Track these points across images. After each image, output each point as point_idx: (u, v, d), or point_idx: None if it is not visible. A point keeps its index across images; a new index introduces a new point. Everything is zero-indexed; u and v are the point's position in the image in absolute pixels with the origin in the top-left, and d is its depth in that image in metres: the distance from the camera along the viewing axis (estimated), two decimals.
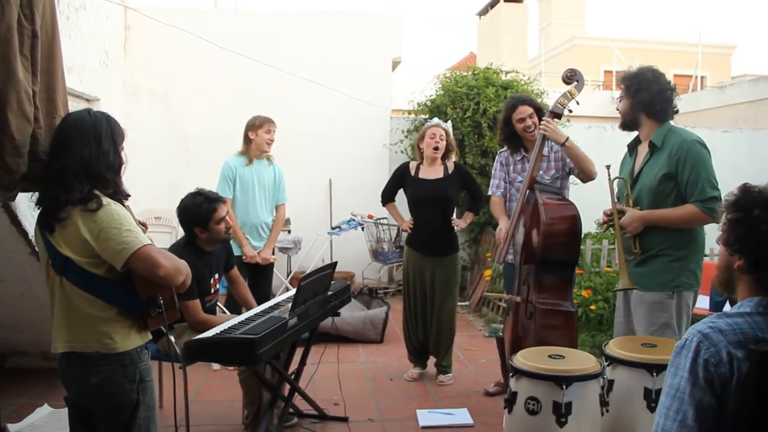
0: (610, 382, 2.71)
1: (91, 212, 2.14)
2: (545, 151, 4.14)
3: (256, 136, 4.85)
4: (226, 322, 3.19)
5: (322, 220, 8.11)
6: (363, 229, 7.60)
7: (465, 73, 8.08)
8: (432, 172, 4.70)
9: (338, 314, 3.80)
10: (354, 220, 7.43)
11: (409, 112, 8.31)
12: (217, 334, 2.92)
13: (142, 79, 8.03)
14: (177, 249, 3.59)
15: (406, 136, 8.20)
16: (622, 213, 3.27)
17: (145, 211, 7.67)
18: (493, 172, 4.53)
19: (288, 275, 7.74)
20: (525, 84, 7.89)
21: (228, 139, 8.20)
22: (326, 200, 8.22)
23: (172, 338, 3.54)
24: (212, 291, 3.70)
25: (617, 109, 3.38)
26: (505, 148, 4.45)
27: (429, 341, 4.79)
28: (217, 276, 3.76)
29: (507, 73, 7.99)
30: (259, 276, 4.92)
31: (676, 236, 3.16)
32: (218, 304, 4.10)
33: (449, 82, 7.89)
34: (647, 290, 3.19)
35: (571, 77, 3.92)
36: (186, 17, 7.92)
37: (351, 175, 8.24)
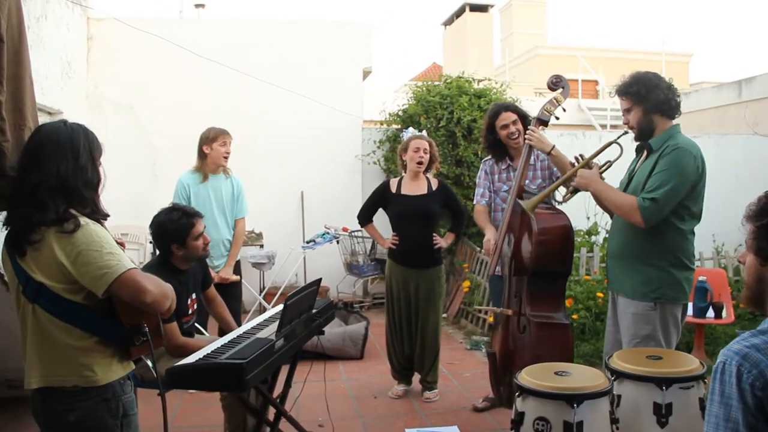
0: (617, 398, 2.61)
1: (68, 234, 1.95)
2: (531, 159, 4.06)
3: (211, 150, 4.62)
4: (207, 346, 3.00)
5: (294, 233, 7.92)
6: (338, 242, 7.43)
7: (437, 83, 7.98)
8: (415, 187, 4.59)
9: (323, 332, 3.63)
10: (328, 233, 7.27)
11: (381, 123, 8.18)
12: (200, 359, 2.72)
13: (107, 90, 7.76)
14: (151, 269, 3.39)
15: (378, 147, 8.07)
16: (589, 168, 3.31)
17: (112, 228, 7.33)
18: (477, 180, 4.43)
19: (261, 291, 7.53)
20: (498, 93, 7.83)
21: (195, 152, 8.04)
22: (298, 213, 8.03)
23: (150, 363, 3.35)
24: (189, 312, 3.50)
25: (626, 123, 3.26)
26: (490, 156, 4.35)
27: (414, 356, 4.65)
28: (194, 296, 3.56)
29: (479, 81, 7.93)
30: (225, 298, 4.65)
31: (659, 243, 3.06)
32: (196, 324, 3.90)
33: (421, 92, 7.79)
34: (627, 297, 3.15)
35: (557, 83, 3.84)
36: (151, 26, 7.67)
37: (323, 187, 8.07)
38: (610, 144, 3.35)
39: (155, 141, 7.81)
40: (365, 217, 4.82)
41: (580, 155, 3.42)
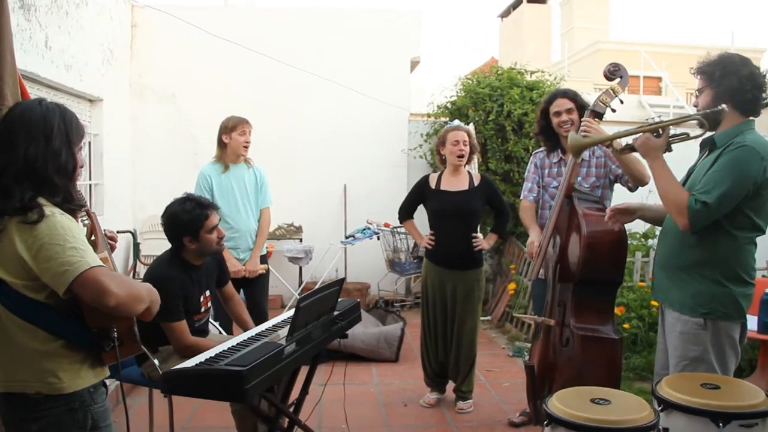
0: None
1: (31, 224, 1.72)
2: (585, 155, 3.68)
3: (230, 140, 4.41)
4: (215, 347, 2.77)
5: (336, 227, 7.68)
6: (379, 238, 7.15)
7: (487, 75, 7.61)
8: (455, 182, 4.26)
9: (346, 336, 3.35)
10: (369, 228, 7.00)
11: (429, 115, 7.86)
12: (198, 364, 2.48)
13: (150, 79, 7.66)
14: (161, 264, 3.18)
15: (426, 140, 7.75)
16: (656, 133, 2.76)
17: (151, 217, 7.31)
18: (525, 174, 4.08)
19: (299, 286, 7.31)
20: (551, 85, 7.40)
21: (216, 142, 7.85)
22: (340, 207, 7.78)
23: (157, 362, 3.14)
24: (202, 310, 3.28)
25: (694, 106, 2.85)
26: (541, 148, 4.01)
27: (448, 363, 4.34)
28: (207, 293, 3.33)
29: (532, 73, 7.52)
30: (252, 291, 4.46)
31: (711, 252, 2.63)
32: (212, 322, 3.68)
33: (471, 83, 7.43)
34: (675, 310, 2.74)
35: (615, 72, 3.45)
36: (196, 15, 7.54)
37: (367, 181, 7.80)
38: (696, 117, 2.86)
39: (196, 131, 7.65)
40: (405, 213, 4.53)
41: (658, 116, 2.96)
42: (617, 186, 3.79)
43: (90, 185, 6.59)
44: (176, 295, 3.03)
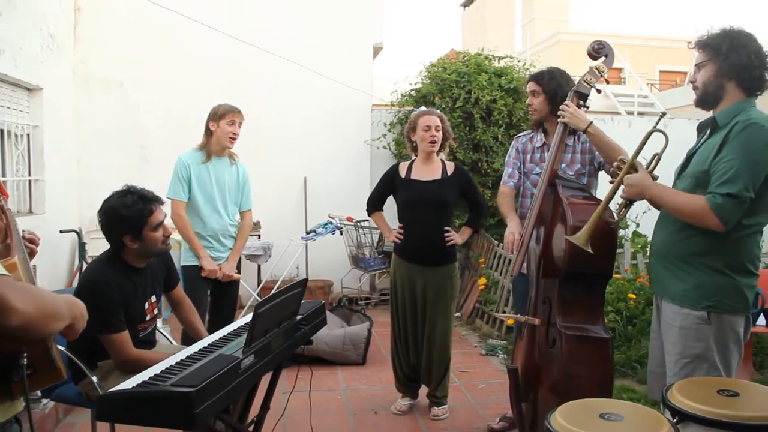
0: None
1: None
2: (570, 140, 3.41)
3: (217, 128, 4.02)
4: (161, 362, 2.40)
5: (295, 223, 7.31)
6: (342, 233, 6.81)
7: (454, 61, 7.32)
8: (427, 171, 3.95)
9: (311, 342, 3.01)
10: (331, 223, 6.65)
11: (392, 104, 7.53)
12: (140, 384, 2.11)
13: (95, 67, 7.14)
14: (97, 267, 2.79)
15: (389, 130, 7.42)
16: (635, 170, 2.62)
17: (94, 217, 6.82)
18: (506, 159, 3.78)
19: (258, 286, 6.93)
20: (519, 71, 7.15)
21: (190, 132, 7.35)
22: (300, 201, 7.41)
23: (95, 379, 2.75)
24: (147, 318, 2.90)
25: (692, 82, 2.60)
26: (523, 132, 3.72)
27: (420, 367, 4.04)
28: (153, 298, 2.95)
29: (500, 59, 7.26)
30: (221, 296, 4.12)
31: (715, 241, 2.41)
32: (160, 329, 3.30)
33: (437, 70, 7.12)
34: (675, 303, 2.50)
35: (599, 50, 3.18)
36: None
37: (328, 173, 7.45)
38: (651, 133, 2.67)
39: (146, 121, 7.21)
40: (373, 204, 4.21)
41: (621, 159, 2.74)
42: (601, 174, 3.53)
43: (29, 181, 6.10)
44: (115, 302, 2.66)
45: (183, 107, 7.06)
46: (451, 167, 3.98)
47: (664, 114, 2.99)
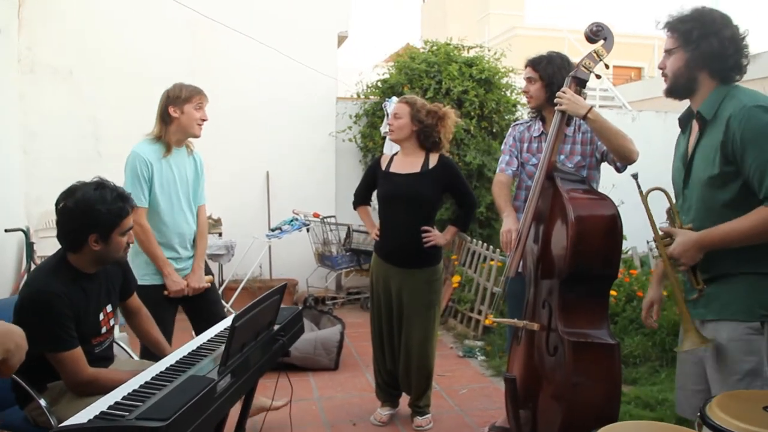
0: None
1: None
2: (569, 130, 3.17)
3: (181, 114, 3.36)
4: (124, 384, 2.07)
5: (258, 219, 6.94)
6: (308, 230, 6.48)
7: (423, 48, 7.05)
8: (407, 164, 3.65)
9: (288, 354, 2.71)
10: (297, 219, 6.31)
11: (358, 96, 7.21)
12: (98, 416, 1.78)
13: (42, 53, 6.62)
14: (41, 274, 2.43)
15: (355, 122, 7.12)
16: (669, 237, 2.27)
17: (48, 212, 6.33)
18: (503, 147, 3.50)
19: (221, 286, 6.55)
20: (490, 61, 6.93)
21: (147, 125, 6.85)
22: (263, 196, 7.05)
23: (43, 403, 2.40)
24: (103, 330, 2.55)
25: (661, 68, 2.35)
26: (520, 120, 3.47)
27: (398, 373, 3.76)
28: (109, 308, 2.60)
29: (470, 48, 7.02)
30: (197, 308, 3.52)
31: (758, 245, 2.13)
32: (118, 341, 2.95)
33: (405, 59, 6.84)
34: (722, 319, 2.19)
35: (598, 32, 2.93)
36: None
37: (292, 166, 7.09)
38: (647, 195, 2.39)
39: (98, 113, 6.73)
40: (358, 198, 3.90)
41: (654, 239, 2.38)
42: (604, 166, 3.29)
43: None
44: (64, 315, 2.30)
45: (138, 98, 6.63)
46: (434, 159, 3.65)
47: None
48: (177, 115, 3.37)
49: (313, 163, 7.17)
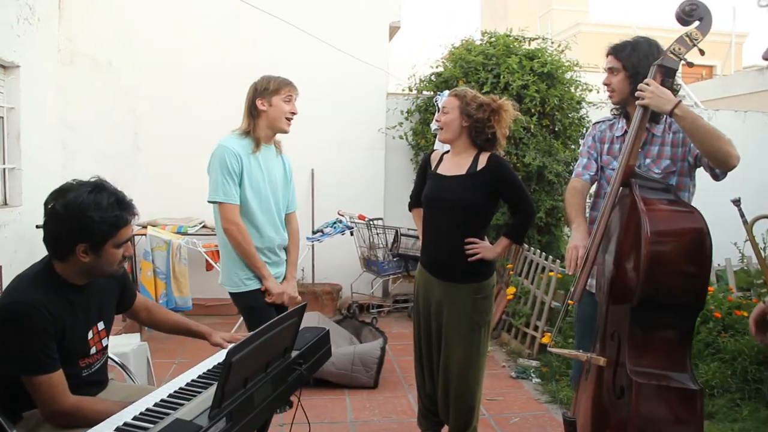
0: None
1: None
2: (658, 129, 2.67)
3: (269, 107, 3.10)
4: (108, 420, 1.72)
5: (302, 220, 6.51)
6: (352, 233, 6.10)
7: (479, 40, 6.58)
8: (454, 165, 3.19)
9: (310, 383, 2.33)
10: (341, 221, 5.95)
11: (410, 89, 6.79)
12: None
13: (82, 44, 6.44)
14: (21, 284, 2.08)
15: (407, 118, 6.71)
16: None
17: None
18: (580, 149, 3.01)
19: None
20: (552, 54, 6.41)
21: (189, 119, 6.77)
22: (307, 196, 6.71)
23: None
24: (93, 351, 2.20)
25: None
26: (603, 118, 2.98)
27: (437, 397, 3.31)
28: (101, 326, 2.26)
29: (531, 40, 6.51)
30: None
31: None
32: (118, 360, 2.62)
33: (460, 51, 6.39)
34: None
35: (692, 12, 2.42)
36: None
37: (338, 165, 6.73)
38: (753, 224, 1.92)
39: (138, 106, 6.52)
40: (413, 199, 3.45)
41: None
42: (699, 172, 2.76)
43: (4, 169, 5.46)
44: (44, 332, 1.96)
45: (180, 91, 6.41)
46: (483, 160, 3.16)
47: None
48: (265, 108, 3.11)
49: (361, 162, 6.80)
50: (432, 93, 6.45)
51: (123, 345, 3.72)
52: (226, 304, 4.92)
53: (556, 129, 6.28)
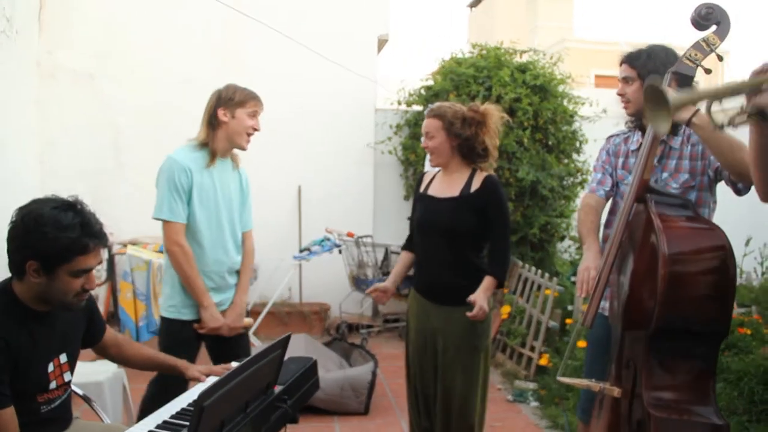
0: None
1: None
2: (675, 141, 2.48)
3: (232, 119, 2.87)
4: None
5: (288, 238, 6.39)
6: (341, 251, 5.89)
7: (469, 53, 6.43)
8: (447, 185, 2.99)
9: (296, 420, 2.11)
10: (329, 239, 5.74)
11: (399, 103, 6.62)
12: None
13: (63, 57, 6.24)
14: None
15: (396, 133, 6.53)
16: None
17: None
18: (594, 163, 2.83)
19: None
20: (544, 67, 6.27)
21: (173, 133, 6.45)
22: (294, 213, 6.50)
23: None
24: (52, 386, 1.98)
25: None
26: (617, 130, 2.79)
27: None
28: (63, 358, 2.03)
29: (522, 52, 6.37)
30: (227, 351, 2.92)
31: None
32: (77, 392, 2.39)
33: (451, 64, 6.24)
34: None
35: (708, 16, 2.25)
36: None
37: (326, 181, 6.53)
38: None
39: (120, 119, 6.31)
40: (407, 241, 3.26)
41: None
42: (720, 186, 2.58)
43: None
44: None
45: (164, 104, 6.19)
46: (478, 181, 2.95)
47: None
48: (227, 119, 2.87)
49: (349, 177, 6.60)
50: (422, 107, 6.29)
51: (96, 373, 3.45)
52: None
53: (550, 143, 6.13)
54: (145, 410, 2.62)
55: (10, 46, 5.54)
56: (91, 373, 3.35)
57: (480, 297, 2.82)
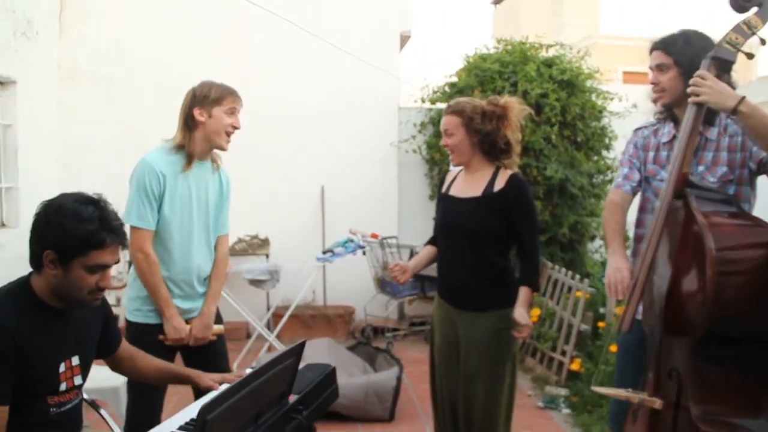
0: None
1: None
2: (712, 132, 2.30)
3: (209, 118, 2.69)
4: None
5: (311, 239, 6.29)
6: (365, 252, 5.76)
7: (494, 48, 6.28)
8: (469, 185, 2.84)
9: (313, 430, 1.99)
10: (353, 240, 5.61)
11: (423, 100, 6.48)
12: None
13: (84, 59, 6.19)
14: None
15: (420, 131, 6.40)
16: None
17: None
18: (620, 157, 2.65)
19: (268, 311, 5.92)
20: (571, 61, 6.09)
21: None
22: (317, 214, 6.39)
23: None
24: (63, 387, 1.88)
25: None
26: (646, 122, 2.62)
27: None
28: (75, 360, 1.94)
29: (549, 47, 6.20)
30: (203, 359, 2.73)
31: None
32: (86, 399, 2.29)
33: (476, 59, 6.09)
34: None
35: None
36: None
37: (349, 181, 6.42)
38: None
39: (143, 123, 6.22)
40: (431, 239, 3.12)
41: None
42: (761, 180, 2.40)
43: (0, 189, 5.20)
44: None
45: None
46: (502, 180, 2.78)
47: None
48: (203, 119, 2.69)
49: (373, 177, 6.48)
50: (446, 104, 6.15)
51: (112, 378, 3.34)
52: (230, 329, 4.60)
53: (578, 139, 5.94)
54: (129, 418, 2.64)
55: (30, 48, 5.52)
56: (106, 378, 3.24)
57: (521, 315, 2.67)
